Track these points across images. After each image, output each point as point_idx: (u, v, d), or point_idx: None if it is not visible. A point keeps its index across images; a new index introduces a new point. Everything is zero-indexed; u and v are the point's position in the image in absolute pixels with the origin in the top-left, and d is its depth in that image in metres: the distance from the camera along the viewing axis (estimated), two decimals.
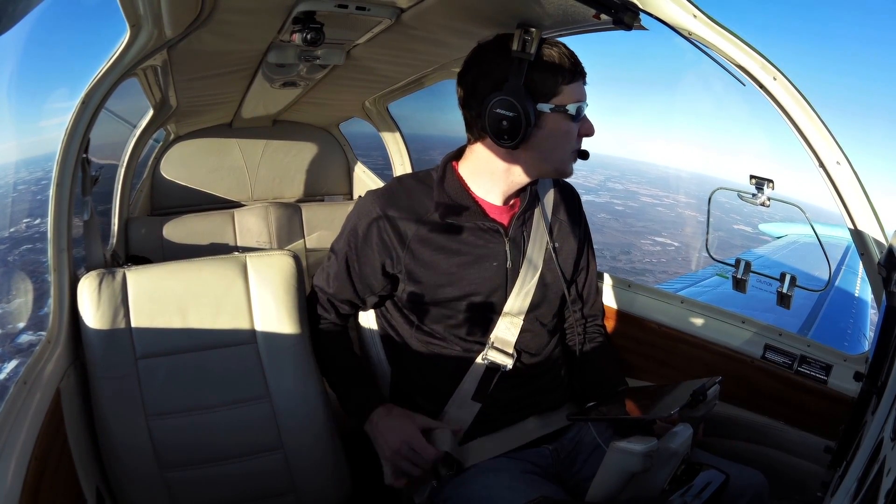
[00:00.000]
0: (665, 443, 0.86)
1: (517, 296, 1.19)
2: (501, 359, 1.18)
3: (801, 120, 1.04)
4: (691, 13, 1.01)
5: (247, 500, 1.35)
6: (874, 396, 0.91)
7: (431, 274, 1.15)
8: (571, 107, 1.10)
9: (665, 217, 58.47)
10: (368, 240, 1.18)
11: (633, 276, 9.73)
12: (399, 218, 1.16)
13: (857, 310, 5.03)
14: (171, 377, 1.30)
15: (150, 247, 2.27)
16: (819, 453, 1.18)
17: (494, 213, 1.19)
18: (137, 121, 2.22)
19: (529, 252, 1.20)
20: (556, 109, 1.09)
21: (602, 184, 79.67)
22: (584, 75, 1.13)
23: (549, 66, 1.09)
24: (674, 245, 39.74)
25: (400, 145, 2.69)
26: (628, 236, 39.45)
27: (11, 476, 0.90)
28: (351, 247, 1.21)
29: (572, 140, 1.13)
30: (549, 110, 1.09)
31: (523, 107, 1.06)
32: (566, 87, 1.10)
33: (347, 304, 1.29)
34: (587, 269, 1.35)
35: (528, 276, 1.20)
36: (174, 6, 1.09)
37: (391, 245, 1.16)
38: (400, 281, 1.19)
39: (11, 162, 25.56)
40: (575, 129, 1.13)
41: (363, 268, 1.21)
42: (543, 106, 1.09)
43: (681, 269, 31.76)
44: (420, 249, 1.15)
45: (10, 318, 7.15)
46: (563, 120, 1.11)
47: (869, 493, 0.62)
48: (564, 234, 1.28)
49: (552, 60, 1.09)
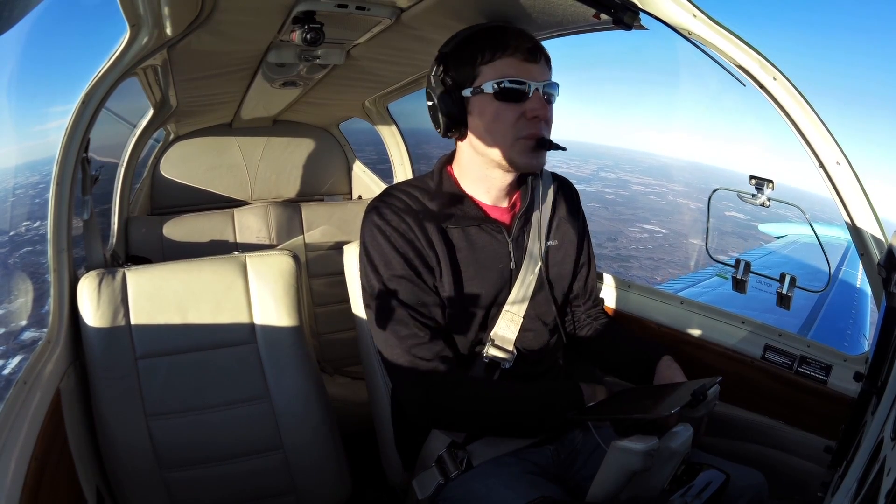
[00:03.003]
0: (665, 443, 0.86)
1: (517, 293, 1.18)
2: (501, 355, 1.17)
3: (800, 120, 1.04)
4: (691, 13, 1.01)
5: (247, 500, 1.35)
6: (874, 396, 0.91)
7: (448, 275, 1.14)
8: (487, 85, 1.04)
9: (655, 205, 58.21)
10: (398, 242, 1.10)
11: (617, 263, 9.70)
12: (415, 221, 1.12)
13: (857, 310, 5.03)
14: (171, 377, 1.30)
15: (150, 246, 2.27)
16: (819, 453, 1.18)
17: (496, 214, 1.19)
18: (137, 121, 2.22)
19: (530, 250, 1.20)
20: (476, 92, 1.05)
21: (594, 173, 79.51)
22: (522, 53, 1.04)
23: (466, 50, 1.07)
24: (661, 232, 39.58)
25: (400, 145, 2.70)
26: (616, 224, 39.30)
27: (11, 476, 0.90)
28: (396, 257, 1.10)
29: (507, 123, 1.06)
30: (469, 94, 1.06)
31: (439, 96, 1.07)
32: (485, 66, 1.05)
33: (440, 318, 1.12)
34: (588, 264, 1.34)
35: (529, 274, 1.19)
36: (174, 6, 1.09)
37: (422, 247, 1.11)
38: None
39: (11, 164, 25.63)
40: (506, 111, 1.05)
41: (422, 267, 1.10)
42: (466, 91, 1.06)
43: (665, 256, 31.71)
44: (439, 249, 1.14)
45: (13, 316, 7.20)
46: (487, 102, 1.05)
47: (869, 493, 0.62)
48: (564, 230, 1.28)
49: (469, 43, 1.07)
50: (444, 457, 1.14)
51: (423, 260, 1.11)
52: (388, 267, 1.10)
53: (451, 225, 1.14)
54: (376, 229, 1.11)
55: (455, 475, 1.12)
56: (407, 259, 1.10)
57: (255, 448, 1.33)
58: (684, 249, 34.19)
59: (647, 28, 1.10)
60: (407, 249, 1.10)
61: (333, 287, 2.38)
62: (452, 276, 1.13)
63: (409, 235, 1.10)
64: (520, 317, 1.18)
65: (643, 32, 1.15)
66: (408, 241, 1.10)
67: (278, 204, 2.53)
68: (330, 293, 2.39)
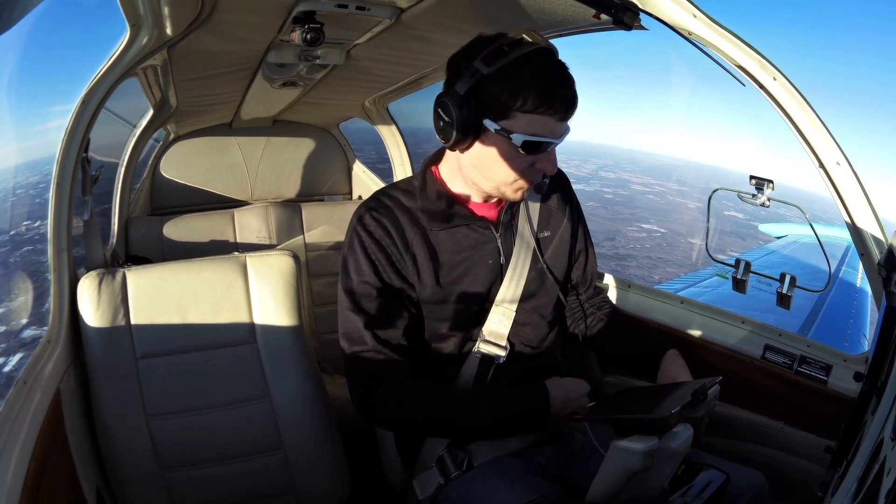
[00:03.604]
0: (665, 442, 0.86)
1: (508, 286, 1.18)
2: (494, 351, 1.17)
3: (800, 120, 1.04)
4: (691, 13, 1.01)
5: (247, 500, 1.35)
6: (874, 396, 0.91)
7: (429, 276, 1.14)
8: (517, 137, 1.00)
9: (654, 204, 58.13)
10: (376, 253, 1.12)
11: (615, 262, 9.69)
12: (394, 227, 1.13)
13: (857, 310, 5.03)
14: (171, 377, 1.30)
15: (150, 246, 2.27)
16: (819, 453, 1.18)
17: (482, 210, 1.18)
18: (137, 121, 2.22)
19: (518, 242, 1.19)
20: (501, 132, 1.01)
21: (594, 173, 79.34)
22: (560, 113, 1.00)
23: (510, 85, 0.98)
24: (660, 231, 39.53)
25: (400, 145, 2.70)
26: (615, 223, 39.24)
27: (11, 476, 0.90)
28: (367, 264, 1.12)
29: (518, 169, 1.05)
30: (493, 129, 1.01)
31: (457, 114, 1.01)
32: (522, 115, 0.99)
33: (401, 330, 1.12)
34: (585, 252, 1.33)
35: (519, 266, 1.18)
36: (174, 6, 1.09)
37: (397, 253, 1.13)
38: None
39: (11, 164, 25.73)
40: (522, 160, 1.04)
41: (392, 276, 1.12)
42: (490, 123, 1.01)
43: (663, 255, 31.67)
44: (419, 252, 1.14)
45: (14, 315, 7.23)
46: (506, 144, 1.02)
47: (869, 493, 0.62)
48: (556, 221, 1.26)
49: (518, 81, 0.98)
50: (444, 457, 1.14)
51: (395, 269, 1.12)
52: (358, 273, 1.12)
53: (437, 227, 1.14)
54: (355, 235, 1.13)
55: (455, 475, 1.12)
56: (377, 269, 1.11)
57: (256, 448, 1.33)
58: (682, 248, 34.19)
59: (647, 28, 1.10)
60: (380, 258, 1.12)
61: (333, 287, 2.37)
62: (437, 279, 1.13)
63: (384, 242, 1.12)
64: (512, 311, 1.18)
65: (643, 32, 1.15)
66: (382, 249, 1.12)
67: (278, 204, 2.53)
68: (330, 293, 2.39)
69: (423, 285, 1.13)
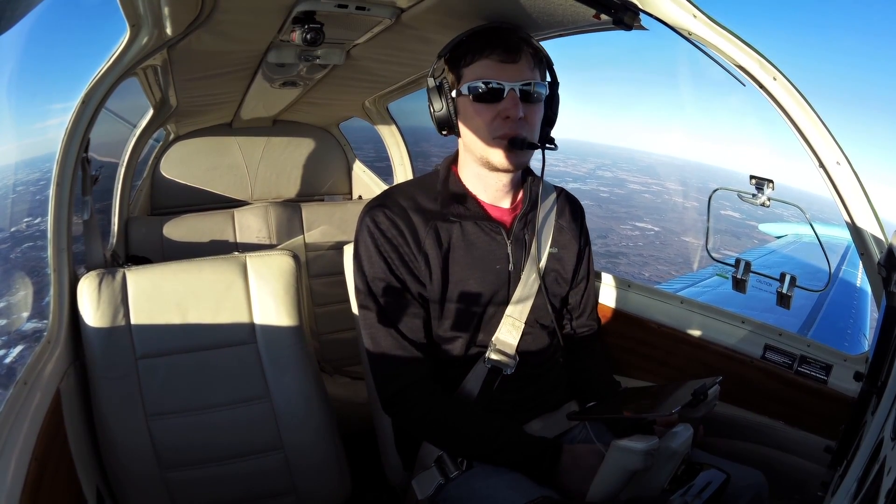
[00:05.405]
0: (665, 442, 0.86)
1: (519, 298, 1.18)
2: (504, 361, 1.17)
3: (800, 120, 1.04)
4: (691, 13, 1.01)
5: (247, 501, 1.35)
6: (874, 396, 0.91)
7: (438, 275, 1.14)
8: (464, 87, 1.08)
9: (650, 203, 57.89)
10: (384, 247, 1.13)
11: (606, 259, 9.61)
12: (399, 226, 1.13)
13: (857, 310, 5.02)
14: (171, 377, 1.30)
15: (150, 246, 2.27)
16: (819, 453, 1.18)
17: (496, 214, 1.19)
18: (137, 121, 2.22)
19: (532, 254, 1.20)
20: (459, 94, 1.10)
21: (591, 172, 79.20)
22: (501, 54, 1.06)
23: (458, 53, 1.10)
24: (653, 230, 39.37)
25: (400, 145, 2.70)
26: (609, 222, 39.14)
27: (11, 476, 0.90)
28: (381, 262, 1.13)
29: (483, 124, 1.08)
30: (454, 95, 1.11)
31: (431, 96, 1.12)
32: (466, 68, 1.08)
33: (420, 327, 1.14)
34: (587, 279, 1.34)
35: (531, 279, 1.19)
36: (174, 6, 1.09)
37: (409, 252, 1.13)
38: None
39: (11, 161, 25.72)
40: (483, 111, 1.08)
41: (406, 273, 1.13)
42: (454, 93, 1.11)
43: (655, 252, 31.59)
44: (430, 251, 1.14)
45: (14, 308, 7.28)
46: (467, 103, 1.09)
47: (869, 492, 0.62)
48: (566, 240, 1.28)
49: (459, 46, 1.10)
50: (444, 457, 1.14)
51: (407, 267, 1.13)
52: (372, 269, 1.13)
53: (449, 220, 1.15)
54: (366, 231, 1.14)
55: (455, 475, 1.12)
56: (390, 265, 1.13)
57: (256, 448, 1.33)
58: (675, 246, 34.15)
59: (647, 28, 1.10)
60: (392, 255, 1.13)
61: (333, 287, 2.38)
62: (445, 276, 1.14)
63: (396, 241, 1.13)
64: (521, 322, 1.18)
65: (643, 32, 1.15)
66: (394, 247, 1.13)
67: (278, 204, 2.53)
68: (330, 293, 2.39)
69: (433, 283, 1.14)
